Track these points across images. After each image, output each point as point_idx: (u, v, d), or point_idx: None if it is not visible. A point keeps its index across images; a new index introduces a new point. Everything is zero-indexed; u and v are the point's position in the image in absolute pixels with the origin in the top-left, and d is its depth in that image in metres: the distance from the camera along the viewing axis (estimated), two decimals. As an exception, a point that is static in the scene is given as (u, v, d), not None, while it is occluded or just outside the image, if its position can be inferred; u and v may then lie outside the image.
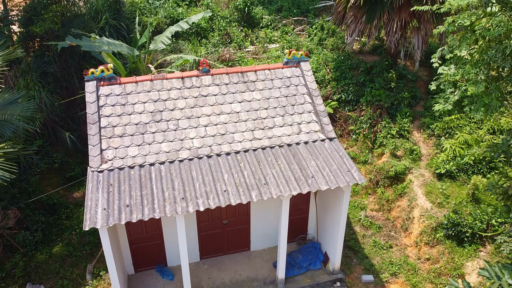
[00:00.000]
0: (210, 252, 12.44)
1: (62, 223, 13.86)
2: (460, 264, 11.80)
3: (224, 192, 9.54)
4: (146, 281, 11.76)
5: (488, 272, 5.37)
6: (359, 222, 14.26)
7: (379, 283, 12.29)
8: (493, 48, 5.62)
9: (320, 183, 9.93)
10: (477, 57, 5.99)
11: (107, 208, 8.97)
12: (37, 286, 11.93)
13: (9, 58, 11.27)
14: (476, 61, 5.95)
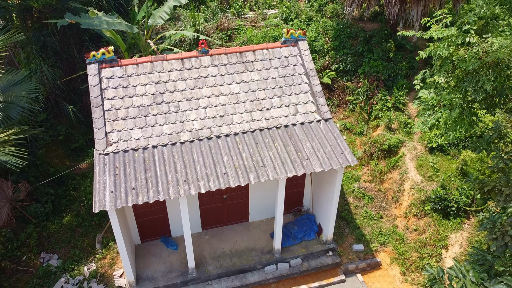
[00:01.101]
0: (211, 223, 13.24)
1: (70, 194, 14.57)
2: (444, 236, 12.64)
3: (224, 174, 10.11)
4: (152, 250, 12.64)
5: (455, 271, 6.05)
6: (352, 193, 14.99)
7: (368, 252, 13.20)
8: (468, 78, 5.97)
9: (315, 165, 10.48)
10: (453, 84, 6.36)
11: (114, 191, 9.58)
12: (51, 254, 12.84)
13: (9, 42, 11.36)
14: (452, 89, 6.34)
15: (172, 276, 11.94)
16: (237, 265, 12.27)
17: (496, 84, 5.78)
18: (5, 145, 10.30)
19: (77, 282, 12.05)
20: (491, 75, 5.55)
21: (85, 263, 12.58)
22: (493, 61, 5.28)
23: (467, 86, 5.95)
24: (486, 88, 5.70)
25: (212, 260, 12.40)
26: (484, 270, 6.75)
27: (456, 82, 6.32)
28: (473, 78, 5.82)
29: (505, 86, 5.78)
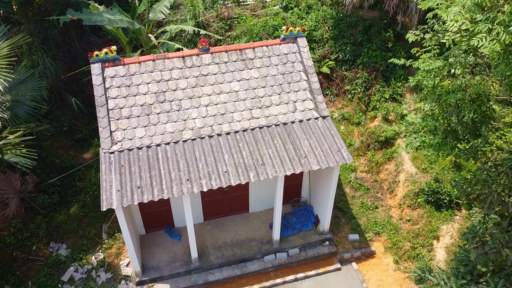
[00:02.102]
0: (212, 214, 13.77)
1: (76, 185, 15.04)
2: (436, 227, 13.19)
3: (225, 173, 10.54)
4: (156, 240, 13.22)
5: (436, 278, 6.55)
6: (349, 184, 15.48)
7: (363, 241, 13.79)
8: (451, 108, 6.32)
9: (312, 163, 10.90)
10: (437, 112, 6.72)
11: (120, 190, 10.03)
12: (60, 244, 13.42)
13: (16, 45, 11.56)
14: (436, 117, 6.71)
15: (176, 265, 12.55)
16: (238, 254, 12.86)
17: (476, 116, 6.18)
18: (16, 147, 10.67)
19: (86, 271, 12.67)
20: (472, 107, 5.91)
21: (92, 252, 13.17)
22: (475, 93, 5.62)
23: (450, 115, 6.35)
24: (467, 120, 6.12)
25: (213, 250, 12.99)
26: (468, 270, 7.27)
27: (440, 111, 6.70)
28: (456, 109, 6.20)
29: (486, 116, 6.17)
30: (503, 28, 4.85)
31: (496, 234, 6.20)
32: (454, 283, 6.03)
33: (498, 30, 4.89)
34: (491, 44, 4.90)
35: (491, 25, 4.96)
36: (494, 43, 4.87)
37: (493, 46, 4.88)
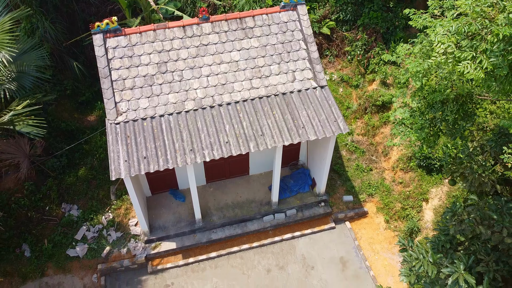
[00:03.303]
0: (214, 177, 14.48)
1: (82, 148, 15.62)
2: (426, 190, 13.95)
3: (226, 143, 11.07)
4: (162, 202, 14.04)
5: (415, 253, 7.26)
6: (345, 147, 16.06)
7: (357, 202, 14.62)
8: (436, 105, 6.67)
9: (309, 134, 11.40)
10: (423, 109, 7.09)
11: (128, 160, 10.61)
12: (71, 205, 14.25)
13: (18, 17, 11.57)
14: (421, 112, 7.10)
15: (181, 225, 13.45)
16: (239, 215, 13.73)
17: (458, 115, 6.57)
18: (25, 118, 11.09)
19: (97, 230, 13.59)
20: (454, 107, 6.28)
21: (102, 213, 14.03)
22: (459, 93, 5.94)
23: (435, 112, 6.76)
24: (449, 118, 6.52)
25: (216, 211, 13.84)
26: (448, 239, 8.03)
27: (426, 108, 7.09)
28: (440, 107, 6.58)
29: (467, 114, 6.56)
30: (485, 56, 5.14)
31: (473, 212, 6.84)
32: (432, 257, 6.78)
33: (481, 58, 5.16)
34: (475, 72, 5.20)
35: (475, 53, 5.24)
36: (478, 71, 5.17)
37: (477, 73, 5.19)
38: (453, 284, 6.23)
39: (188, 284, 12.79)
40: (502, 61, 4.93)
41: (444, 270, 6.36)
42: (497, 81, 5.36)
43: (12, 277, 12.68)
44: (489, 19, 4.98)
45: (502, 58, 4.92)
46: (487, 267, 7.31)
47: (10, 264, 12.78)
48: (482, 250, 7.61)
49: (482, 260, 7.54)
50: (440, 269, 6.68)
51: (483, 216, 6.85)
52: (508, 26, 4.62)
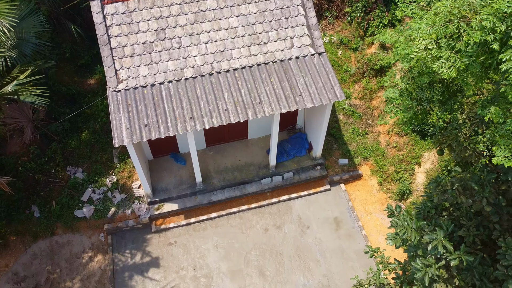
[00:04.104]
0: (214, 141, 14.89)
1: (84, 112, 15.88)
2: (419, 154, 14.41)
3: (225, 111, 11.37)
4: (163, 165, 14.54)
5: (400, 220, 7.76)
6: (342, 111, 16.35)
7: (352, 165, 15.13)
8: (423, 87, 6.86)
9: (306, 101, 11.66)
10: (411, 89, 7.31)
11: (130, 128, 10.96)
12: (76, 168, 14.76)
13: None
14: (410, 93, 7.34)
15: (183, 187, 14.03)
16: (238, 178, 14.28)
17: (443, 97, 6.80)
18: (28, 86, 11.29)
19: (102, 192, 14.19)
20: (440, 89, 6.51)
21: (106, 175, 14.57)
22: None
23: (421, 94, 7.01)
24: (434, 100, 6.78)
25: (216, 174, 14.37)
26: (433, 206, 8.56)
27: (413, 89, 7.32)
28: (427, 88, 6.81)
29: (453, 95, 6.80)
30: (459, 56, 5.34)
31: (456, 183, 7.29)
32: (415, 224, 7.31)
33: (455, 58, 5.36)
34: (448, 71, 5.43)
35: (450, 53, 5.42)
36: (451, 70, 5.40)
37: (450, 73, 5.42)
38: (432, 249, 6.79)
39: (190, 242, 13.56)
40: (474, 61, 5.17)
41: (425, 237, 6.91)
42: (471, 76, 5.62)
43: (24, 236, 13.42)
44: (466, 22, 5.15)
45: (475, 58, 5.15)
46: (468, 231, 7.88)
47: (21, 224, 13.48)
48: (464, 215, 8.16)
49: (464, 225, 8.10)
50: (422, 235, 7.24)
51: (465, 187, 7.31)
52: (480, 32, 4.81)
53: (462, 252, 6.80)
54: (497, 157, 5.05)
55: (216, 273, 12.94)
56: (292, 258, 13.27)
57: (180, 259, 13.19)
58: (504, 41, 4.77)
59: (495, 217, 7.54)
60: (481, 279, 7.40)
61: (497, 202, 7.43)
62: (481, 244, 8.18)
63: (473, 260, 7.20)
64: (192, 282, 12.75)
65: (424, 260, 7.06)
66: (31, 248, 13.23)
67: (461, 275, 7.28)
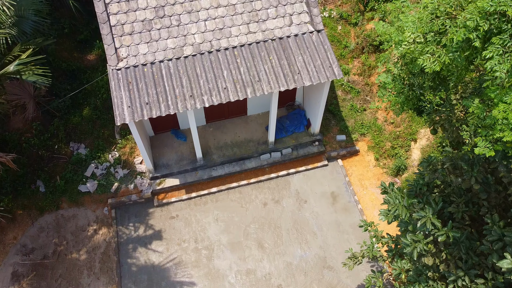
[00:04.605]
0: (214, 117, 15.10)
1: (85, 88, 16.03)
2: (415, 130, 14.66)
3: (224, 89, 11.53)
4: (164, 141, 14.82)
5: (392, 198, 8.08)
6: (341, 87, 16.47)
7: (349, 141, 15.41)
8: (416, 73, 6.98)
9: (305, 79, 11.80)
10: (404, 75, 7.44)
11: (131, 106, 11.16)
12: (79, 144, 15.05)
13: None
14: (402, 78, 7.48)
15: (184, 163, 14.36)
16: (237, 154, 14.59)
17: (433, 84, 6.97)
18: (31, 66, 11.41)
19: (105, 168, 14.54)
20: (431, 76, 6.66)
21: (108, 151, 14.87)
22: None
23: (413, 80, 7.17)
24: (425, 86, 6.96)
25: (216, 150, 14.67)
26: (425, 183, 8.89)
27: (406, 75, 7.47)
28: (419, 74, 6.97)
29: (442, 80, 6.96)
30: (444, 51, 5.49)
31: (446, 163, 7.58)
32: (406, 202, 7.65)
33: (440, 53, 5.51)
34: (432, 65, 5.59)
35: (435, 47, 5.56)
36: (436, 64, 5.56)
37: (434, 67, 5.59)
38: (421, 226, 7.16)
39: (192, 216, 14.02)
40: (459, 56, 5.34)
41: (415, 214, 7.26)
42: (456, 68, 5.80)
43: (30, 210, 13.86)
44: (451, 19, 5.26)
45: (459, 53, 5.32)
46: (457, 208, 8.24)
47: (27, 198, 13.89)
48: (455, 192, 8.51)
49: (454, 201, 8.46)
50: (412, 213, 7.59)
51: (456, 166, 7.61)
52: (463, 29, 4.94)
53: (449, 228, 7.17)
54: (479, 148, 5.31)
55: (217, 245, 13.46)
56: (290, 231, 13.76)
57: (182, 232, 13.68)
58: (488, 37, 4.94)
59: (484, 195, 7.88)
60: (467, 253, 7.82)
61: (485, 180, 7.75)
62: (470, 220, 8.56)
63: (460, 236, 7.58)
64: (193, 254, 13.28)
65: (413, 236, 7.45)
66: (37, 222, 13.70)
67: (449, 249, 7.69)
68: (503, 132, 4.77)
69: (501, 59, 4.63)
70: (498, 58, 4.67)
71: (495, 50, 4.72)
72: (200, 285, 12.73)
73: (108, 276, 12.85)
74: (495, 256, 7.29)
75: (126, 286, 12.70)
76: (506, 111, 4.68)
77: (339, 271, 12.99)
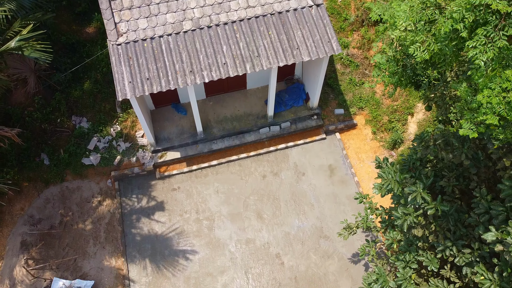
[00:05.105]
0: (214, 91, 15.26)
1: (84, 61, 16.09)
2: (412, 104, 14.85)
3: (224, 64, 11.66)
4: (165, 115, 15.05)
5: (385, 173, 8.38)
6: (340, 60, 16.53)
7: (347, 115, 15.63)
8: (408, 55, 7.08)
9: (304, 54, 11.91)
10: (398, 56, 7.52)
11: (132, 81, 11.32)
12: (81, 118, 15.28)
13: None
14: (396, 59, 7.57)
15: (184, 137, 14.65)
16: (237, 128, 14.85)
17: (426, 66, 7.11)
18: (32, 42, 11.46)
19: (107, 141, 14.83)
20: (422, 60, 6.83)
21: (110, 125, 15.12)
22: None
23: (406, 61, 7.30)
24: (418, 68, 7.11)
25: (216, 123, 14.92)
26: (418, 158, 9.21)
27: (400, 56, 7.57)
28: (412, 57, 7.10)
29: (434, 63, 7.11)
30: (434, 39, 5.64)
31: (438, 139, 7.86)
32: (398, 177, 7.98)
33: (429, 41, 5.65)
34: (422, 54, 5.75)
35: (425, 36, 5.69)
36: (425, 53, 5.73)
37: (424, 55, 5.75)
38: (412, 200, 7.52)
39: (193, 188, 14.44)
40: (447, 45, 5.50)
41: (406, 189, 7.61)
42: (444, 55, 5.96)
43: (36, 182, 14.26)
44: (440, 9, 5.38)
45: (448, 42, 5.47)
46: (448, 182, 8.59)
47: (32, 171, 14.26)
48: (447, 167, 8.84)
49: (445, 176, 8.80)
50: (404, 187, 7.94)
51: (447, 142, 7.89)
52: (451, 20, 5.07)
53: (439, 202, 7.53)
54: (463, 129, 5.57)
55: (217, 216, 13.95)
56: (288, 202, 14.22)
57: (184, 203, 14.14)
58: (475, 27, 5.10)
59: (474, 170, 8.20)
60: (456, 224, 8.22)
61: (476, 156, 8.05)
62: (460, 193, 8.94)
63: (449, 209, 7.96)
64: (195, 224, 13.79)
65: (404, 209, 7.83)
66: (43, 193, 14.13)
67: (438, 221, 8.10)
68: (486, 115, 5.03)
69: (483, 49, 4.84)
70: (481, 47, 4.88)
71: (479, 40, 4.91)
72: (201, 253, 13.30)
73: (113, 245, 13.40)
74: (481, 228, 7.69)
75: (131, 254, 13.26)
76: (490, 96, 4.92)
77: (335, 241, 13.53)
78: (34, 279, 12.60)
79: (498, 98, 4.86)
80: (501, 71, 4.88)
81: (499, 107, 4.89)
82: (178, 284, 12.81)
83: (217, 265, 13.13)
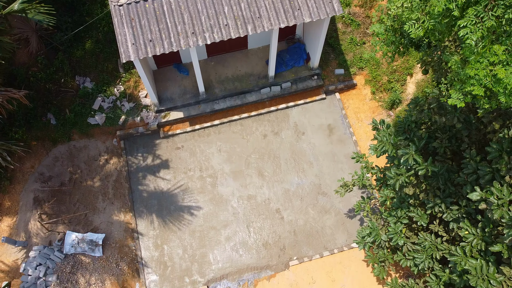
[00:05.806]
0: (215, 51, 15.35)
1: (85, 21, 16.01)
2: (412, 65, 14.99)
3: (225, 26, 11.73)
4: (167, 75, 15.24)
5: (381, 135, 8.74)
6: (342, 19, 16.44)
7: (348, 75, 15.81)
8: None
9: (305, 16, 11.94)
10: (396, 26, 7.60)
11: (135, 43, 11.46)
12: (84, 78, 15.48)
13: None
14: (394, 29, 7.64)
15: (187, 97, 14.94)
16: (238, 88, 15.09)
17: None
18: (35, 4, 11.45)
19: (111, 101, 15.13)
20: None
21: (114, 85, 15.35)
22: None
23: (404, 31, 7.43)
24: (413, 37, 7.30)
25: (217, 84, 15.15)
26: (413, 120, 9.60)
27: (398, 26, 7.66)
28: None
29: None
30: (428, 17, 5.79)
31: (433, 103, 8.20)
32: (393, 139, 8.40)
33: (424, 19, 5.80)
34: (416, 31, 5.93)
35: (420, 15, 5.82)
36: (419, 30, 5.90)
37: (418, 32, 5.93)
38: (404, 162, 7.99)
39: (196, 146, 14.93)
40: (439, 23, 5.68)
41: (399, 151, 8.05)
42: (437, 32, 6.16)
43: (44, 141, 14.73)
44: None
45: (440, 20, 5.65)
46: (441, 143, 9.03)
47: (40, 130, 14.69)
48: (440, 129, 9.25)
49: (438, 137, 9.23)
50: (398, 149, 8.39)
51: (441, 106, 8.24)
52: (444, 0, 5.22)
53: (430, 163, 8.01)
54: (452, 99, 5.91)
55: (220, 174, 14.54)
56: (288, 160, 14.76)
57: (188, 162, 14.69)
58: (466, 6, 5.29)
59: (465, 132, 8.62)
60: (445, 183, 8.76)
61: (467, 119, 8.43)
62: (452, 154, 9.41)
63: (440, 169, 8.46)
64: (199, 181, 14.41)
65: (397, 170, 8.32)
66: (52, 152, 14.64)
67: (428, 181, 8.62)
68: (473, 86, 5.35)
69: (473, 29, 5.08)
70: (471, 27, 5.11)
71: (469, 19, 5.14)
72: (205, 209, 14.02)
73: (122, 201, 14.09)
74: (469, 187, 8.22)
75: (138, 210, 13.99)
76: (478, 68, 5.22)
77: (332, 197, 14.21)
78: (49, 232, 13.39)
79: (485, 71, 5.17)
80: (490, 47, 5.16)
81: (486, 79, 5.22)
82: (184, 237, 13.63)
83: (220, 220, 13.89)
